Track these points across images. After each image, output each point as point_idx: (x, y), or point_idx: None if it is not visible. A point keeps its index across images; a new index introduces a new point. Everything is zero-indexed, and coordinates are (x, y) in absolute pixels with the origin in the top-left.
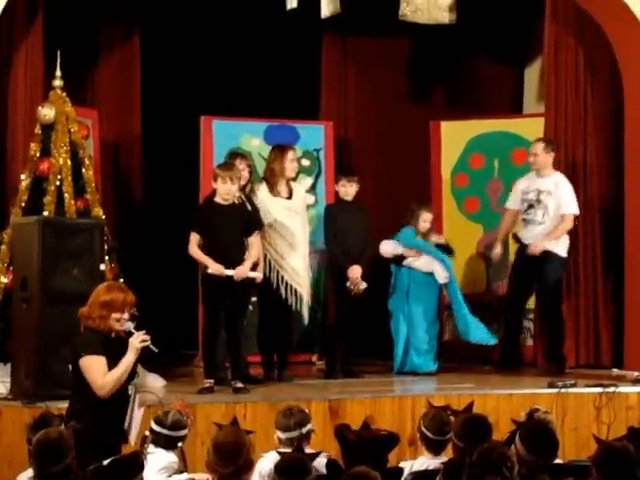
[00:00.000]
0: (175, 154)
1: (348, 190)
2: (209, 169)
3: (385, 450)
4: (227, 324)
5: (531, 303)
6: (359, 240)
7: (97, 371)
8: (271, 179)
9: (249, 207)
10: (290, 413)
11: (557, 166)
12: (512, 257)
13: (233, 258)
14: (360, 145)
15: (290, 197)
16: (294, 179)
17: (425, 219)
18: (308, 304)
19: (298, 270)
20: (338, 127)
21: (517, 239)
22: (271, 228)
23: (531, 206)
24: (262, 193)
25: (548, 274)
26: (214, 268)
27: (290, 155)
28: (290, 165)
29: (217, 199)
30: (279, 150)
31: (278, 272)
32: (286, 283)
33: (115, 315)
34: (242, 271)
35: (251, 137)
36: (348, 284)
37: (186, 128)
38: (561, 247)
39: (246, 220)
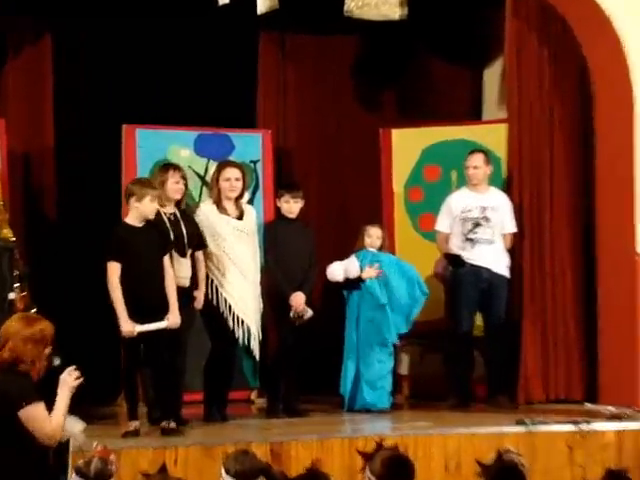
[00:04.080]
0: (93, 168)
1: (292, 207)
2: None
3: None
4: (149, 358)
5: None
6: (303, 263)
7: (43, 419)
8: (216, 197)
9: (182, 226)
10: (251, 457)
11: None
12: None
13: (157, 288)
14: (302, 156)
15: (241, 218)
16: (239, 197)
17: (371, 234)
18: (257, 338)
19: (246, 299)
20: (277, 136)
21: (461, 262)
22: (219, 250)
23: (477, 224)
24: (208, 210)
25: (501, 298)
26: (125, 329)
27: (226, 173)
28: (225, 184)
29: (132, 221)
30: (217, 167)
31: (226, 300)
32: (233, 313)
33: (47, 350)
34: (174, 321)
35: (179, 148)
36: (292, 314)
37: (106, 139)
38: (506, 267)
39: (165, 241)
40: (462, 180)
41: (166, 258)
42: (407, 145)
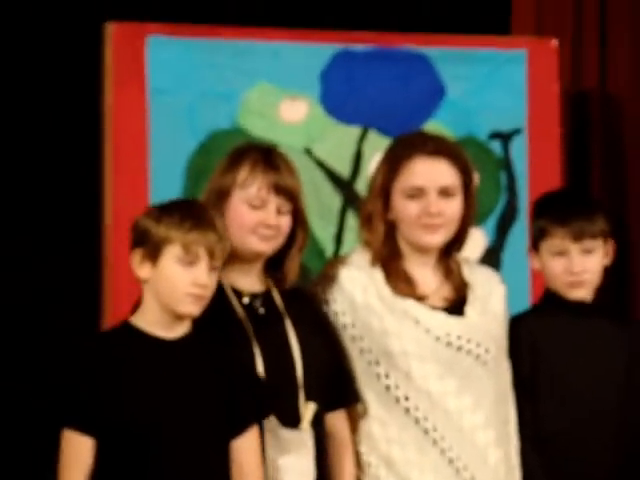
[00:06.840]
0: (50, 122)
1: (576, 265)
2: (129, 168)
3: None
4: None
5: None
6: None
7: None
8: (379, 245)
9: (289, 338)
10: None
11: None
12: None
13: None
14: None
15: (459, 308)
16: (454, 248)
17: None
18: None
19: None
20: (577, 56)
21: None
22: (394, 407)
23: None
24: (359, 286)
25: None
26: None
27: (415, 173)
28: (411, 207)
29: (143, 323)
30: (389, 152)
31: None
32: None
33: None
34: None
35: (280, 90)
36: None
37: (62, 63)
38: None
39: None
40: None
41: (250, 437)
42: None
